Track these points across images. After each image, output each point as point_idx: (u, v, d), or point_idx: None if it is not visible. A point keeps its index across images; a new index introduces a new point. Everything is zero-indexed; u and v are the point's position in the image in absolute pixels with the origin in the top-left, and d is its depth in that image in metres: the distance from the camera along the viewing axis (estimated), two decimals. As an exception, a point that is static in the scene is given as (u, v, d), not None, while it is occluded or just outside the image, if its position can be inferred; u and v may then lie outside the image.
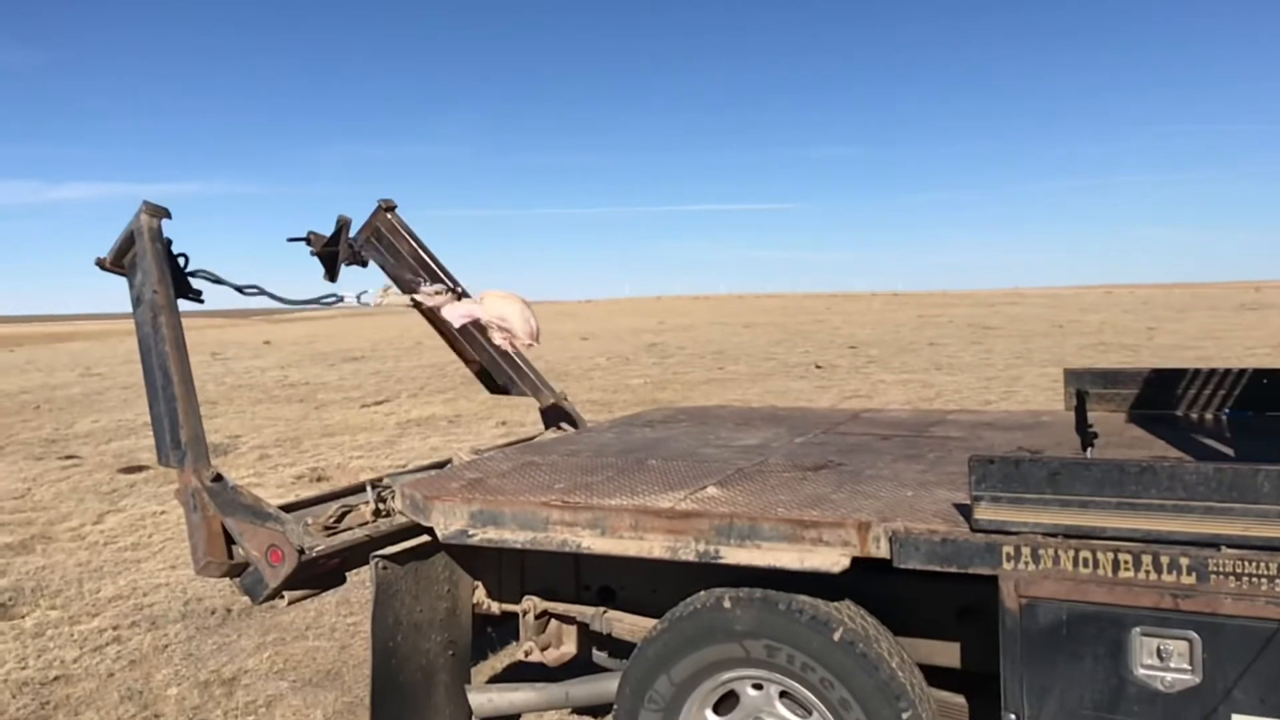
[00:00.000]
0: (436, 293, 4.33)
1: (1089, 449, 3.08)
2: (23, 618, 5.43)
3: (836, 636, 2.45)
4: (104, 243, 3.74)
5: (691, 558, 2.54)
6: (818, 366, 17.90)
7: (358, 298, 4.32)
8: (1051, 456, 2.32)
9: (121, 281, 3.66)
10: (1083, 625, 2.20)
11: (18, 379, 24.08)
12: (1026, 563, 2.23)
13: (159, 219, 3.56)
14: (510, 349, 4.39)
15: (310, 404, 14.93)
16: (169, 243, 3.60)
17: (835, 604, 2.51)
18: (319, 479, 8.80)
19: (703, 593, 2.66)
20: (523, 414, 11.34)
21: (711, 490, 2.82)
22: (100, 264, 3.72)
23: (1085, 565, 2.18)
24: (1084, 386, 4.14)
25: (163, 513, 7.76)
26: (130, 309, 3.60)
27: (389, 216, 4.56)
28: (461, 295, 4.49)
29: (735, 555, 2.49)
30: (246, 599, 3.22)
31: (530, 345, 4.29)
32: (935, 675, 2.65)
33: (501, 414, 12.07)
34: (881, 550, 2.36)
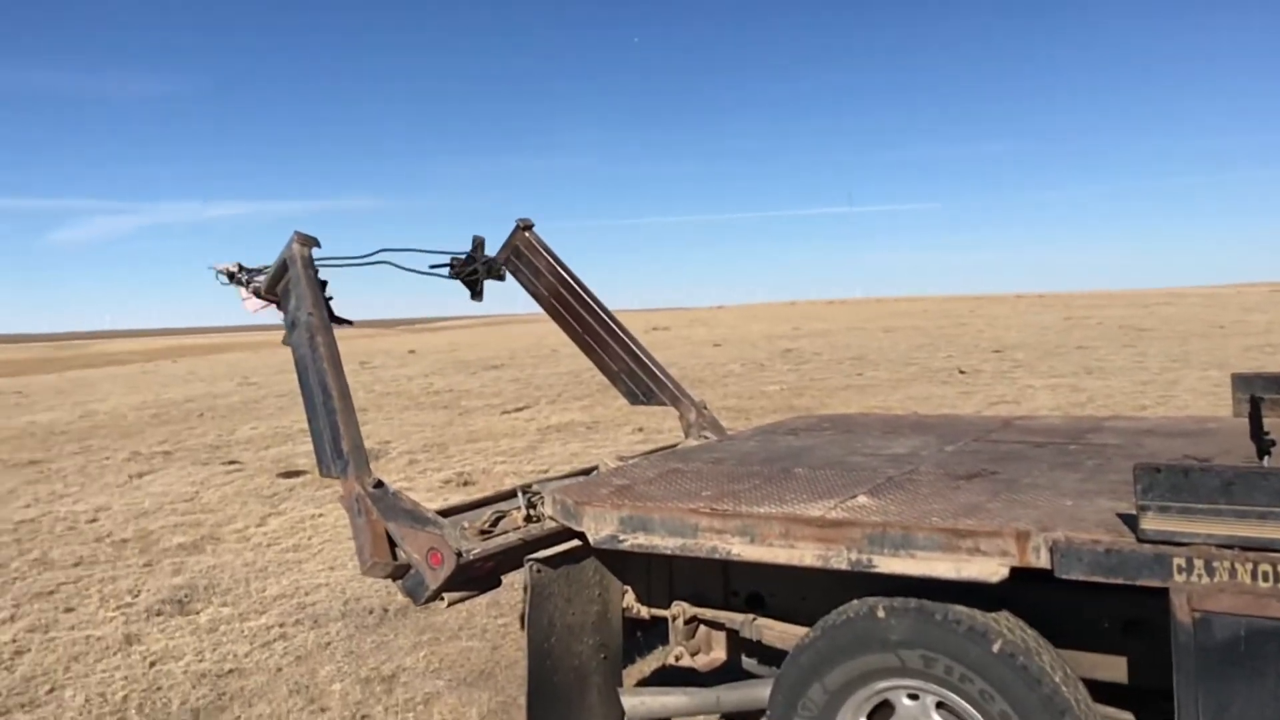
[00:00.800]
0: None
1: (1266, 457, 2.93)
2: (198, 613, 5.78)
3: (996, 648, 2.40)
4: (254, 257, 3.98)
5: (844, 566, 2.53)
6: (961, 371, 17.45)
7: None
8: (1225, 465, 2.23)
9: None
10: (1263, 641, 2.10)
11: (182, 389, 25.58)
12: (1200, 575, 2.14)
13: (309, 247, 3.77)
14: None
15: (454, 410, 15.39)
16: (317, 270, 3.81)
17: (993, 615, 2.47)
18: (465, 483, 9.07)
19: (856, 601, 2.65)
20: (659, 421, 11.44)
21: (862, 499, 2.80)
22: (256, 293, 3.96)
23: (1265, 579, 2.09)
24: (1257, 392, 3.94)
25: (320, 516, 8.13)
26: (285, 332, 3.80)
27: (527, 235, 4.70)
28: (596, 313, 4.61)
29: (889, 564, 2.48)
30: (408, 599, 3.35)
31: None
32: (1100, 690, 2.58)
33: (638, 420, 12.19)
34: (1041, 560, 2.30)
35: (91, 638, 5.41)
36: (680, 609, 3.33)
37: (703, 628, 3.39)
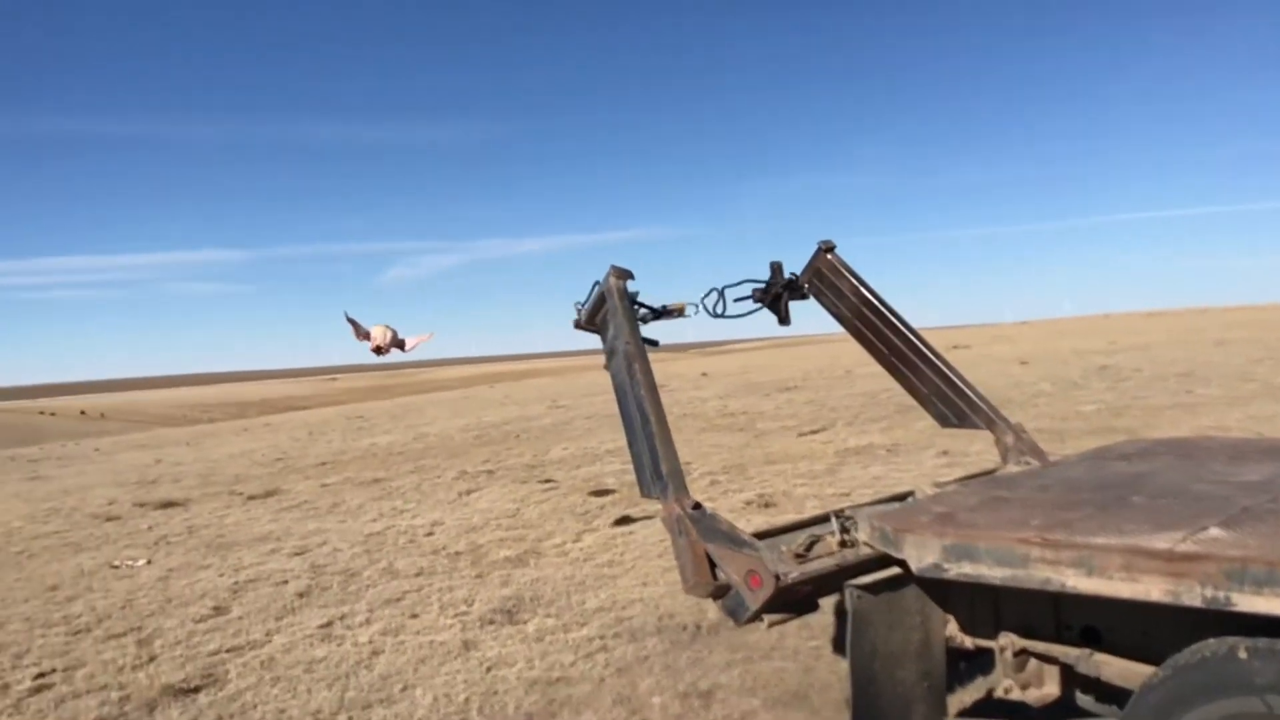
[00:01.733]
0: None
1: None
2: (525, 623, 6.20)
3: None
4: (559, 288, 4.30)
5: (1197, 603, 2.36)
6: (1312, 387, 15.60)
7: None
8: None
9: (563, 324, 4.18)
10: None
11: (499, 411, 27.48)
12: None
13: (624, 280, 3.99)
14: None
15: (750, 432, 15.57)
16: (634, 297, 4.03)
17: None
18: (766, 505, 9.16)
19: (1212, 640, 2.46)
20: (965, 444, 11.02)
21: (1215, 531, 2.60)
22: (577, 324, 4.23)
23: None
24: None
25: (631, 533, 8.49)
26: (604, 359, 4.03)
27: (829, 257, 4.71)
28: (902, 333, 4.55)
29: (1251, 603, 2.28)
30: (726, 618, 3.45)
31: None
32: None
33: (942, 443, 11.80)
34: None
35: (435, 642, 5.94)
36: (1008, 640, 3.22)
37: (1033, 661, 3.26)
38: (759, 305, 4.71)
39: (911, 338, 4.69)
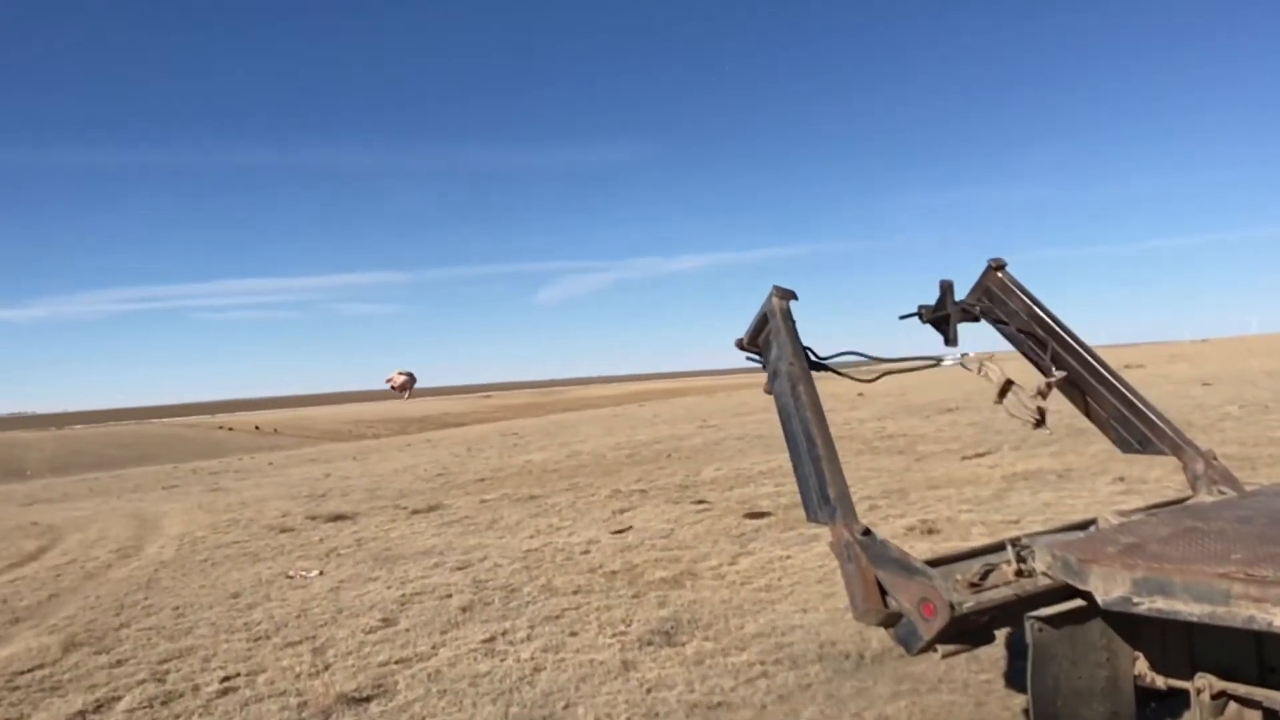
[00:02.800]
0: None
1: None
2: (683, 645, 6.18)
3: None
4: (709, 306, 4.24)
5: None
6: None
7: (960, 360, 4.35)
8: None
9: (713, 342, 4.11)
10: None
11: (650, 430, 27.65)
12: None
13: (787, 300, 3.92)
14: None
15: (910, 455, 15.17)
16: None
17: None
18: (929, 531, 8.89)
19: None
20: (1143, 470, 10.45)
21: None
22: (739, 344, 4.18)
23: None
24: None
25: (787, 558, 8.37)
26: (766, 381, 3.96)
27: (999, 275, 4.53)
28: (1079, 354, 4.34)
29: None
30: (898, 647, 3.34)
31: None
32: None
33: (1117, 468, 11.21)
34: None
35: (594, 661, 5.99)
36: (1206, 682, 3.00)
37: (1233, 704, 3.03)
38: (925, 323, 4.59)
39: (1089, 358, 4.47)
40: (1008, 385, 4.16)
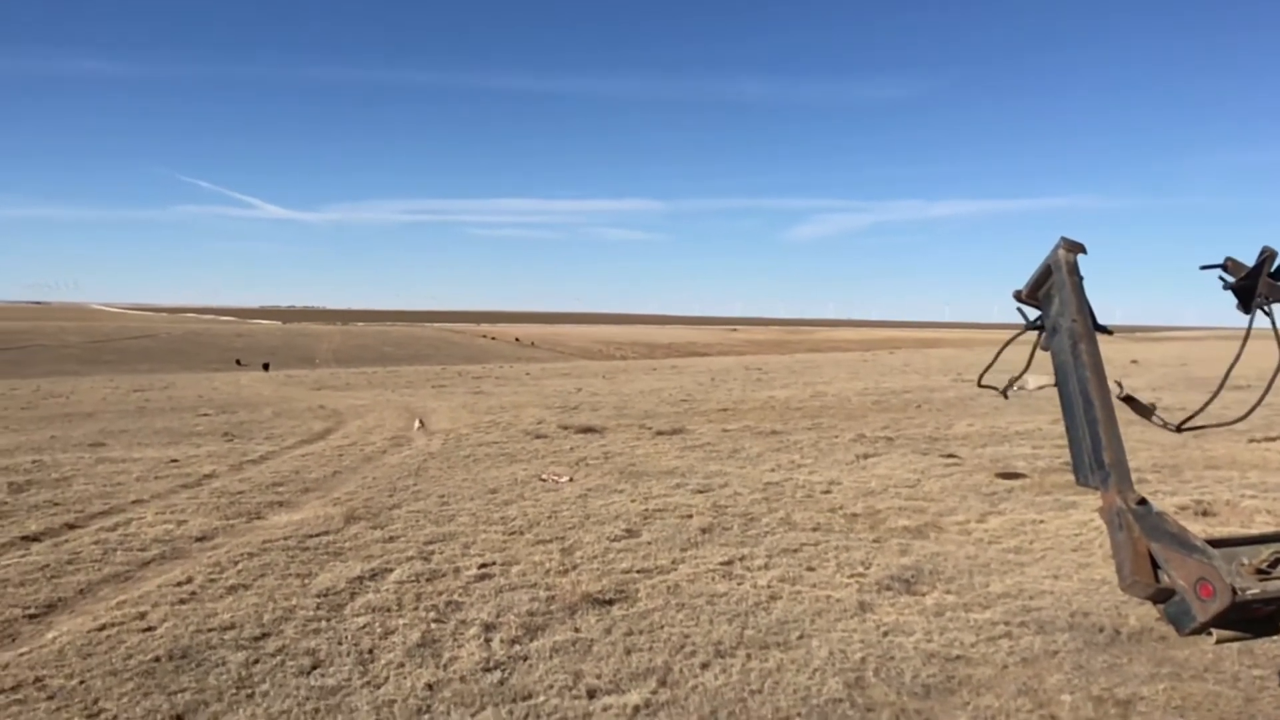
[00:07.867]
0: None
1: None
2: (923, 595, 6.06)
3: None
4: (971, 256, 4.00)
5: None
6: None
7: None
8: None
9: (974, 294, 3.89)
10: None
11: (899, 379, 27.01)
12: None
13: (1075, 254, 3.67)
14: None
15: (1188, 431, 14.02)
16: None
17: None
18: (1204, 513, 8.23)
19: None
20: None
21: None
22: (1017, 296, 3.96)
23: None
24: None
25: (1041, 522, 8.00)
26: (1043, 337, 3.75)
27: None
28: None
29: None
30: (1169, 626, 3.15)
31: None
32: None
33: None
34: None
35: (831, 598, 5.98)
36: None
37: None
38: (1227, 288, 4.19)
39: None
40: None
